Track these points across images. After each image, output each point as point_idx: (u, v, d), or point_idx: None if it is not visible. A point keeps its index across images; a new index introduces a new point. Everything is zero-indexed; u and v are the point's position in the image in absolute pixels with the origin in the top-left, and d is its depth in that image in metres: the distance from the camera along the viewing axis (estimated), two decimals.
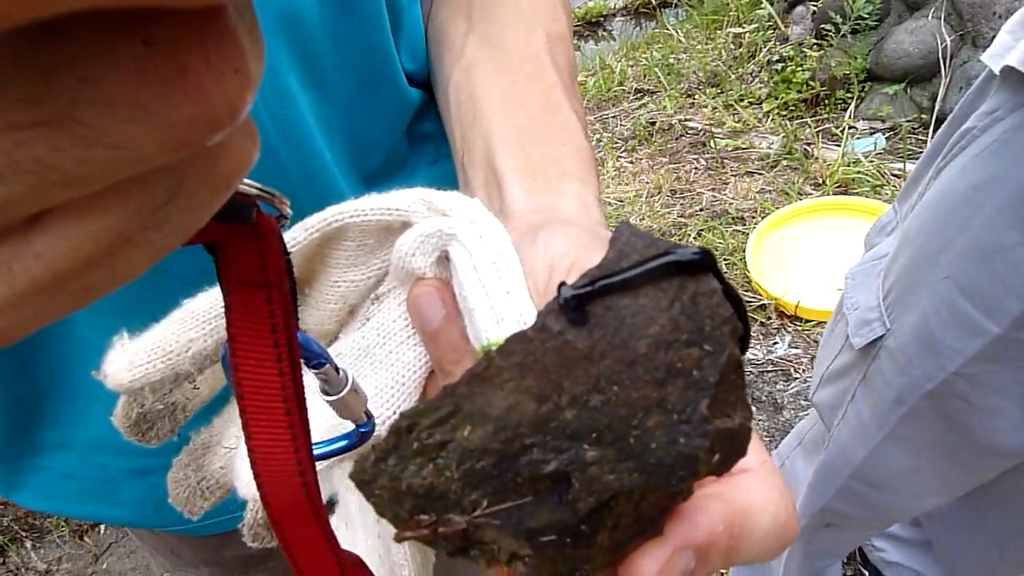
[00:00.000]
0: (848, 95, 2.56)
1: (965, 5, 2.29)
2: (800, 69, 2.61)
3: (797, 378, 1.84)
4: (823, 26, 2.62)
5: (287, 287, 0.25)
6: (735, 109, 2.74)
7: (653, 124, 2.79)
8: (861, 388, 0.91)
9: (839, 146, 2.40)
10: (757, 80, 2.85)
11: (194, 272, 0.33)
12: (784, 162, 2.44)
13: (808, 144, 2.48)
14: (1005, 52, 0.69)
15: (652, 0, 3.77)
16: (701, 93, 2.89)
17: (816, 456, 1.06)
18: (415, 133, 0.55)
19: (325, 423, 0.35)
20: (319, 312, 0.38)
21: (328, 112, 0.47)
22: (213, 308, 0.33)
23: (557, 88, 0.41)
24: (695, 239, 2.23)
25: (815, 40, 2.66)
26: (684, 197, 2.43)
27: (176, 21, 0.12)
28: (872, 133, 2.44)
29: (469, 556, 0.22)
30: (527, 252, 0.30)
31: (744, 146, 2.56)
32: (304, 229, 0.35)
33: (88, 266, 0.14)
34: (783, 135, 2.53)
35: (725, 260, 2.11)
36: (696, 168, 2.54)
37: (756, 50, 2.92)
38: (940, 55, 2.34)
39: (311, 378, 0.30)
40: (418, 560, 0.35)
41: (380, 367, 0.34)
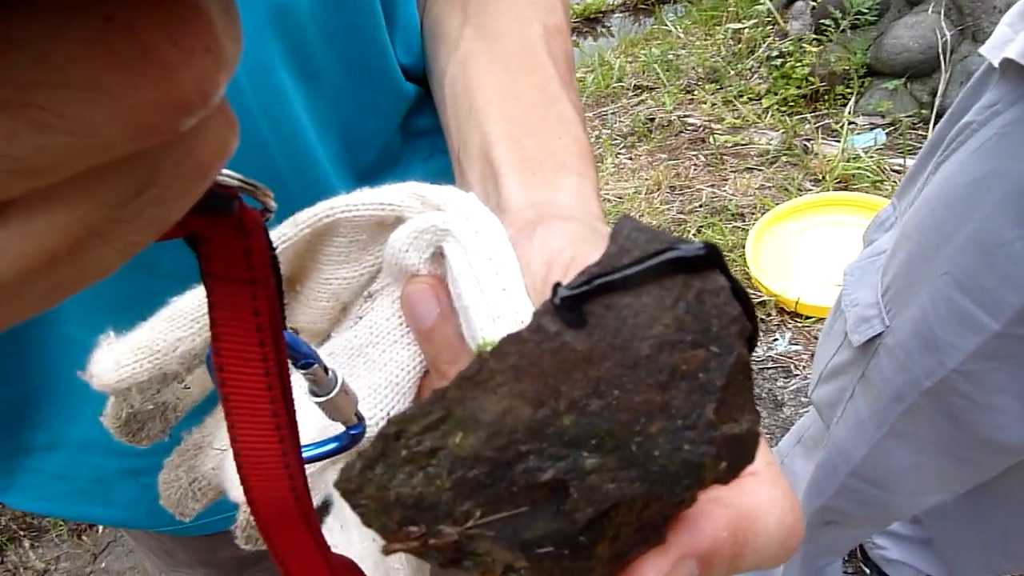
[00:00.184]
0: (848, 90, 2.55)
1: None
2: (799, 65, 2.60)
3: (797, 375, 1.84)
4: (822, 21, 2.61)
5: (273, 284, 0.24)
6: (734, 105, 2.74)
7: (652, 120, 2.79)
8: (860, 385, 0.90)
9: (839, 142, 2.39)
10: (756, 76, 2.84)
11: (184, 270, 0.33)
12: (784, 158, 2.43)
13: (808, 140, 2.47)
14: (1004, 44, 0.68)
15: None
16: (700, 89, 2.89)
17: (815, 454, 1.05)
18: (410, 128, 0.54)
19: (316, 425, 0.34)
20: (310, 310, 0.37)
21: (320, 107, 0.47)
22: (201, 307, 0.32)
23: (554, 80, 0.40)
24: (694, 235, 2.23)
25: (814, 35, 2.66)
26: (683, 193, 2.42)
27: None
28: (872, 128, 2.44)
29: (462, 568, 0.21)
30: (524, 248, 0.30)
31: (743, 142, 2.56)
32: (294, 225, 0.34)
33: (54, 263, 0.13)
34: (782, 131, 2.52)
35: (725, 256, 2.10)
36: (695, 164, 2.54)
37: (755, 46, 2.92)
38: (940, 50, 2.33)
39: (301, 379, 0.29)
40: (414, 564, 0.34)
41: (373, 367, 0.34)
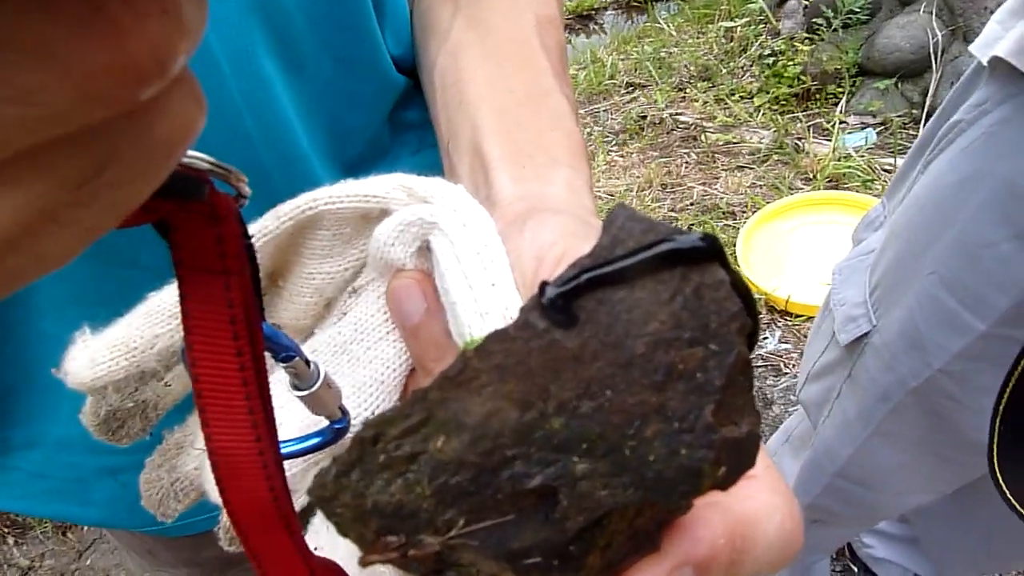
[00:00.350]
0: (839, 90, 2.55)
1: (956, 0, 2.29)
2: (791, 63, 2.60)
3: (787, 373, 1.84)
4: (814, 20, 2.62)
5: (248, 274, 0.23)
6: (726, 103, 2.74)
7: (644, 118, 2.79)
8: (847, 385, 0.90)
9: (830, 141, 2.39)
10: (748, 74, 2.84)
11: (164, 263, 0.32)
12: (775, 157, 2.43)
13: (799, 139, 2.48)
14: (994, 43, 0.67)
15: None
16: (692, 87, 2.89)
17: (803, 453, 1.05)
18: (399, 121, 0.53)
19: (300, 421, 0.33)
20: (293, 306, 0.36)
21: (306, 97, 0.46)
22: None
23: (547, 72, 0.39)
24: None
25: (806, 34, 2.66)
26: (675, 191, 2.42)
27: None
28: (863, 128, 2.44)
29: None
30: (514, 242, 0.29)
31: (735, 140, 2.56)
32: (276, 217, 0.33)
33: (5, 249, 0.12)
34: (774, 129, 2.53)
35: None
36: (687, 162, 2.53)
37: (747, 44, 2.92)
38: (931, 50, 2.34)
39: (284, 373, 0.29)
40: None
41: (358, 364, 0.33)
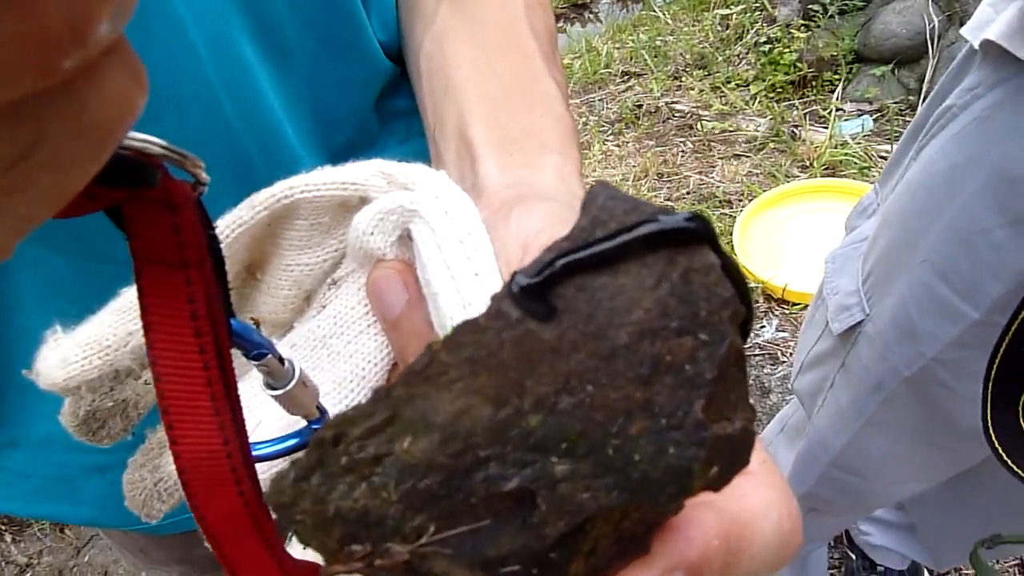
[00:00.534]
0: (836, 77, 2.54)
1: None
2: (787, 51, 2.59)
3: (784, 362, 1.83)
4: (810, 7, 2.60)
5: (210, 266, 0.22)
6: (722, 91, 2.72)
7: (640, 107, 2.77)
8: (840, 375, 0.89)
9: (827, 128, 2.38)
10: (744, 62, 2.82)
11: None
12: (771, 144, 2.42)
13: (795, 126, 2.46)
14: (985, 25, 0.66)
15: None
16: (688, 75, 2.87)
17: (798, 443, 1.05)
18: (386, 109, 0.52)
19: (280, 420, 0.32)
20: (272, 299, 0.35)
21: (289, 83, 0.45)
22: None
23: (535, 56, 0.38)
24: None
25: (802, 21, 2.64)
26: (671, 180, 2.41)
27: None
28: (860, 115, 2.43)
29: None
30: (499, 230, 0.28)
31: (731, 129, 2.54)
32: (251, 207, 0.32)
33: None
34: (770, 117, 2.51)
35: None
36: (683, 151, 2.52)
37: (743, 32, 2.90)
38: (928, 36, 2.32)
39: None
40: None
41: (338, 359, 0.32)
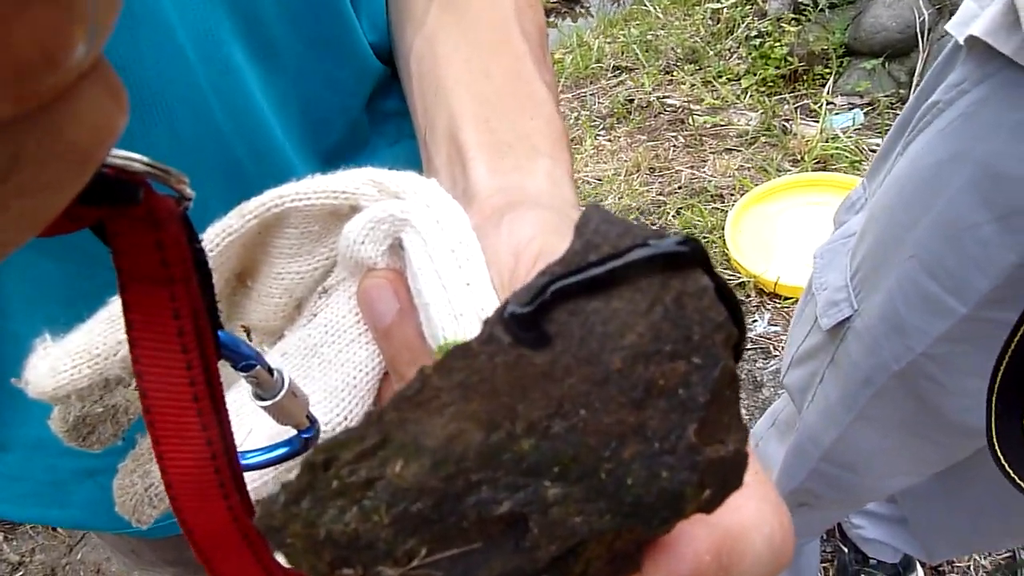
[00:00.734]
0: (826, 70, 2.54)
1: None
2: (778, 45, 2.59)
3: (776, 356, 1.84)
4: (801, 1, 2.60)
5: (196, 282, 0.22)
6: (713, 86, 2.72)
7: (631, 101, 2.77)
8: (829, 370, 0.89)
9: (817, 122, 2.38)
10: (735, 56, 2.82)
11: None
12: (763, 139, 2.42)
13: (786, 120, 2.46)
14: (970, 20, 0.66)
15: None
16: (679, 70, 2.87)
17: (789, 437, 1.05)
18: (376, 111, 0.52)
19: (270, 428, 0.32)
20: (263, 307, 0.35)
21: (278, 84, 0.44)
22: None
23: (526, 58, 0.38)
24: (674, 217, 2.22)
25: (793, 15, 2.64)
26: (663, 175, 2.41)
27: None
28: (850, 108, 2.43)
29: None
30: (491, 238, 0.28)
31: (723, 123, 2.54)
32: (241, 216, 0.32)
33: None
34: (761, 111, 2.51)
35: (704, 238, 2.10)
36: (675, 146, 2.52)
37: (734, 26, 2.89)
38: (918, 29, 2.33)
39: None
40: None
41: (329, 368, 0.32)
